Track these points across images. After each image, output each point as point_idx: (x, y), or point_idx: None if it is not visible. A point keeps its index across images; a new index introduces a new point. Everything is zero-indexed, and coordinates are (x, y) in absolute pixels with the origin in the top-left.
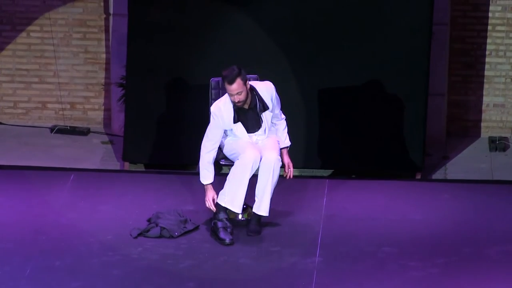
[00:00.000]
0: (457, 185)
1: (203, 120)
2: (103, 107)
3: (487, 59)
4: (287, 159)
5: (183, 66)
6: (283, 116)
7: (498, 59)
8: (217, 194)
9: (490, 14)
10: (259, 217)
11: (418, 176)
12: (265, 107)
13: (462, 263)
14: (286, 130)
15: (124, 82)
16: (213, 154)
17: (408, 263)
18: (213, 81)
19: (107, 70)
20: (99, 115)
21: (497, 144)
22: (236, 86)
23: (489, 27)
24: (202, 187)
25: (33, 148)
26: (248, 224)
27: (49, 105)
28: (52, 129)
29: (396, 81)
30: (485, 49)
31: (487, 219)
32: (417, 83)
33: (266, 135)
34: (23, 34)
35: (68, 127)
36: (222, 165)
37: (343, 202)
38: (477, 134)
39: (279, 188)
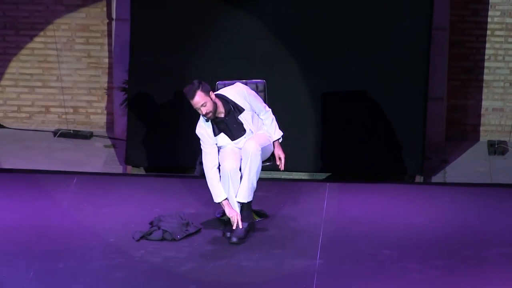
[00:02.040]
0: (456, 188)
1: None
2: (105, 111)
3: (486, 64)
4: (277, 151)
5: (186, 70)
6: (268, 109)
7: (497, 63)
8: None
9: (489, 19)
10: (250, 223)
11: (418, 180)
12: (240, 110)
13: (462, 265)
14: (274, 122)
15: (127, 86)
16: (216, 171)
17: (408, 265)
18: (219, 84)
19: (110, 74)
20: (102, 119)
21: (496, 148)
22: (198, 98)
23: (488, 32)
24: (206, 192)
25: (37, 152)
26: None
27: (52, 109)
28: (55, 133)
29: (396, 85)
30: (484, 54)
31: (486, 222)
32: (417, 87)
33: (254, 134)
34: (27, 39)
35: (71, 131)
36: None
37: (343, 205)
38: (476, 138)
39: (280, 192)
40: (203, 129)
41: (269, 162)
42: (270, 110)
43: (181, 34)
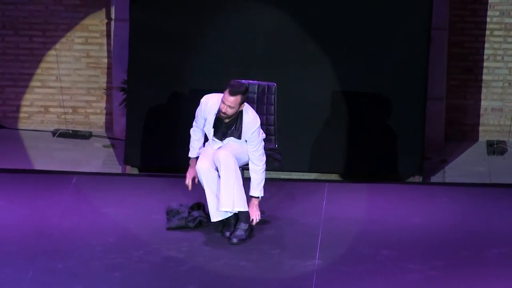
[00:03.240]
0: (456, 188)
1: None
2: (104, 111)
3: (485, 64)
4: (253, 211)
5: (184, 70)
6: (262, 159)
7: (496, 63)
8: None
9: (488, 19)
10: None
11: (417, 180)
12: (235, 135)
13: (461, 265)
14: (262, 179)
15: (126, 86)
16: (198, 133)
17: (407, 265)
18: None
19: (109, 74)
20: (100, 119)
21: (495, 148)
22: (233, 100)
23: (487, 32)
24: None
25: (36, 152)
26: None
27: (51, 109)
28: (54, 133)
29: (395, 85)
30: (483, 54)
31: (485, 222)
32: (416, 87)
33: (235, 142)
34: (26, 38)
35: (70, 131)
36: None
37: (342, 205)
38: (475, 138)
39: (279, 192)
40: (207, 101)
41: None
42: (264, 160)
43: (180, 34)
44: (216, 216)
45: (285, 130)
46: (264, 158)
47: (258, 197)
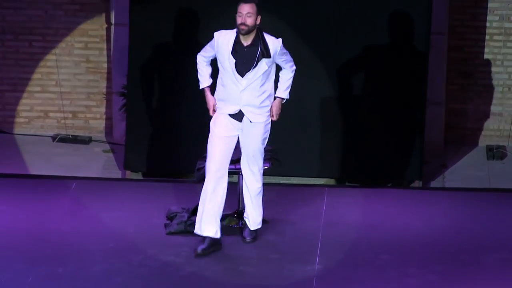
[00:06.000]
0: (455, 193)
1: (204, 129)
2: (104, 116)
3: (484, 68)
4: (275, 108)
5: (184, 75)
6: (294, 67)
7: (496, 68)
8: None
9: (487, 24)
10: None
11: (417, 184)
12: (265, 54)
13: (460, 270)
14: (289, 81)
15: (125, 91)
16: (204, 60)
17: (406, 270)
18: None
19: (109, 79)
20: (100, 124)
21: (494, 153)
22: (250, 7)
23: (487, 37)
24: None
25: (36, 157)
26: (243, 231)
27: (51, 114)
28: (54, 138)
29: (395, 90)
30: (482, 59)
31: (484, 227)
32: (416, 92)
33: (258, 83)
34: (26, 43)
35: (70, 136)
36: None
37: (342, 210)
38: (475, 143)
39: (278, 197)
40: (221, 35)
41: (267, 165)
42: (294, 68)
43: (180, 39)
44: (201, 230)
45: (284, 135)
46: (294, 66)
47: (284, 99)
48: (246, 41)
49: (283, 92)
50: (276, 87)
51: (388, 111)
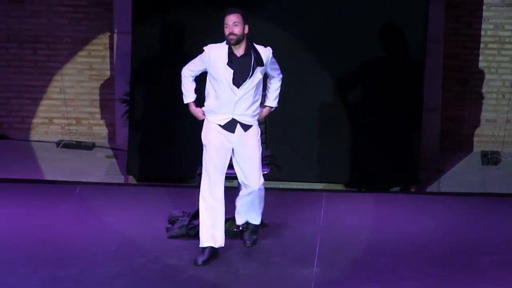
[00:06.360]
0: (451, 197)
1: None
2: (107, 122)
3: (479, 76)
4: (262, 117)
5: None
6: (281, 76)
7: (490, 75)
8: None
9: (482, 32)
10: (254, 226)
11: (413, 189)
12: (259, 62)
13: (456, 273)
14: (278, 91)
15: (128, 98)
16: (189, 78)
17: (403, 273)
18: None
19: (112, 86)
20: (103, 130)
21: (489, 158)
22: (234, 17)
23: (482, 45)
24: None
25: (40, 162)
26: (243, 235)
27: (55, 121)
28: (58, 144)
29: (392, 96)
30: (477, 66)
31: (479, 231)
32: (412, 99)
33: (252, 92)
34: (30, 51)
35: (74, 142)
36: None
37: (340, 214)
38: (470, 149)
39: (277, 201)
40: (212, 49)
41: (266, 170)
42: (281, 77)
43: (182, 47)
44: (201, 241)
45: (283, 140)
46: (282, 75)
47: (272, 107)
48: (239, 51)
49: (273, 101)
50: (263, 95)
51: (385, 117)
